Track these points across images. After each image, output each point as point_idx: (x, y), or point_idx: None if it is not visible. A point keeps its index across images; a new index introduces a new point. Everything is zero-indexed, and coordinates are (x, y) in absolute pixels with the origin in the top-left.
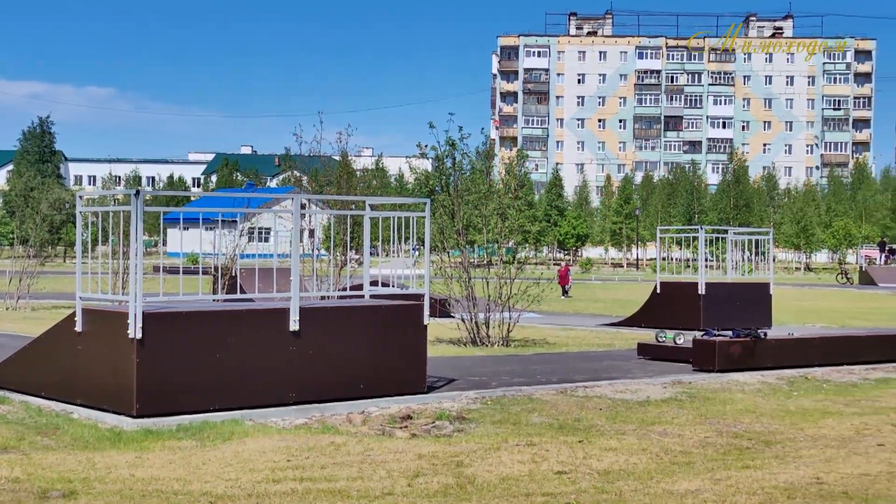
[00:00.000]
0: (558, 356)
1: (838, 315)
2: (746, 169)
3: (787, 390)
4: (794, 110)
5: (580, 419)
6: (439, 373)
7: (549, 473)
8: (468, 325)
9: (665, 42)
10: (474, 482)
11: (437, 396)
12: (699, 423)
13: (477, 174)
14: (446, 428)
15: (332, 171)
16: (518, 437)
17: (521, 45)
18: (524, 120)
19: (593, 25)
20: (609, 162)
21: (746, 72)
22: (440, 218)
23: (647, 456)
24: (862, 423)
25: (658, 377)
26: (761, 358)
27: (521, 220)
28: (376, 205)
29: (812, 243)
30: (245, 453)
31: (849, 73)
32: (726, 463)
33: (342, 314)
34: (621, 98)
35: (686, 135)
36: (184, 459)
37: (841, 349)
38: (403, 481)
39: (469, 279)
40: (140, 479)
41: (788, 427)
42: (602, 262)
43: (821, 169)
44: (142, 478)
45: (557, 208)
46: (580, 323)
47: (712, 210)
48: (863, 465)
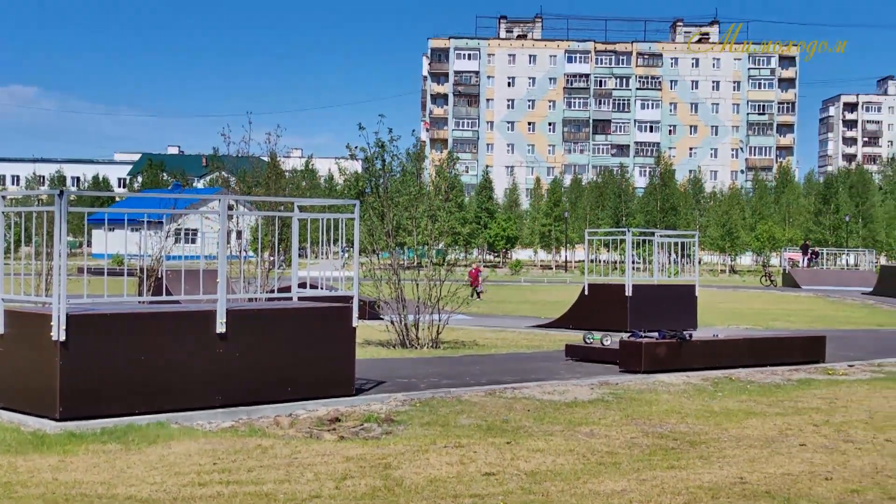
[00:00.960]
0: (487, 358)
1: (762, 317)
2: (673, 172)
3: (711, 391)
4: (720, 115)
5: (508, 420)
6: (368, 375)
7: (477, 475)
8: (397, 328)
9: (594, 46)
10: (402, 484)
11: (365, 399)
12: (625, 423)
13: (407, 176)
14: (374, 430)
15: (261, 172)
16: (446, 438)
17: (452, 47)
18: (454, 122)
19: (523, 29)
20: (538, 165)
21: (673, 76)
22: (370, 220)
23: (573, 457)
24: (784, 423)
25: (585, 378)
26: (687, 359)
27: (451, 222)
28: (305, 206)
29: (737, 246)
30: (170, 457)
31: (773, 79)
32: (652, 463)
33: (270, 316)
34: (551, 101)
35: (614, 138)
36: (108, 463)
37: (764, 350)
38: (331, 484)
39: (399, 281)
40: (63, 484)
41: (713, 427)
42: (531, 264)
43: (746, 173)
44: (65, 482)
45: (487, 210)
46: (509, 325)
47: (640, 213)
48: (785, 465)
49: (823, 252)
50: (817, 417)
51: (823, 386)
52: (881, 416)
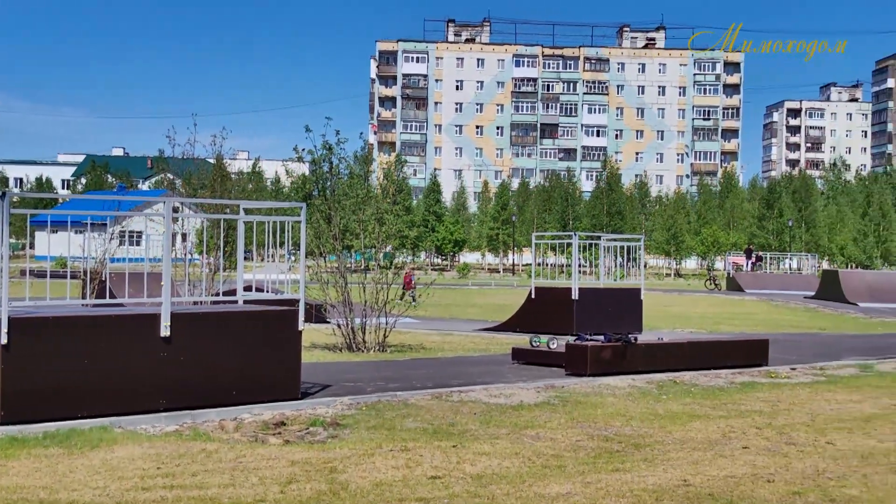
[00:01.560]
0: (434, 361)
1: (706, 320)
2: (619, 177)
3: (656, 394)
4: (666, 120)
5: (454, 424)
6: (314, 379)
7: (423, 478)
8: (344, 331)
9: (542, 51)
10: (348, 488)
11: (311, 402)
12: (571, 426)
13: (355, 179)
14: (320, 434)
15: (207, 175)
16: (392, 442)
17: (400, 50)
18: (403, 125)
19: (471, 32)
20: (486, 168)
21: (620, 81)
22: (316, 223)
23: (519, 460)
24: (728, 426)
25: (532, 381)
26: (632, 362)
27: (398, 225)
28: (251, 209)
29: (682, 250)
30: (114, 461)
31: (718, 85)
32: (597, 466)
33: (215, 320)
34: (499, 105)
35: (561, 142)
36: (50, 467)
37: (708, 354)
38: (276, 488)
39: (345, 284)
40: (4, 488)
41: (657, 430)
42: (479, 268)
43: (691, 177)
44: (6, 486)
45: (435, 214)
46: (456, 328)
47: (586, 217)
48: (728, 468)
49: (767, 256)
50: (760, 420)
51: (766, 389)
52: (822, 419)
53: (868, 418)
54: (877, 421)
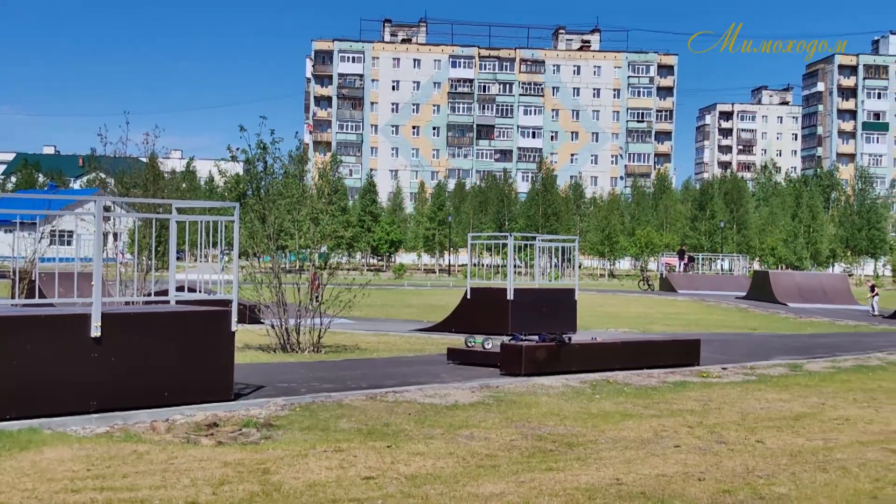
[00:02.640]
0: (369, 362)
1: (640, 320)
2: (555, 178)
3: (589, 393)
4: (601, 122)
5: (389, 424)
6: (247, 380)
7: (357, 479)
8: (278, 332)
9: (478, 52)
10: (281, 489)
11: (244, 403)
12: (505, 426)
13: (289, 179)
14: (253, 435)
15: (139, 174)
16: (326, 443)
17: (336, 49)
18: (338, 125)
19: (408, 33)
20: (423, 169)
21: (555, 83)
22: (250, 222)
23: (453, 460)
24: (660, 425)
25: (467, 381)
26: (566, 362)
27: (334, 225)
28: (183, 208)
29: (616, 251)
30: (43, 463)
31: (652, 87)
32: (530, 465)
33: (146, 320)
34: (435, 106)
35: (497, 143)
36: None
37: (641, 353)
38: (208, 489)
39: (280, 285)
40: None
41: (590, 429)
42: (415, 268)
43: (625, 179)
44: None
45: (371, 214)
46: (392, 328)
47: (522, 217)
48: (660, 466)
49: (699, 257)
50: (691, 419)
51: (698, 388)
52: (753, 418)
53: (797, 417)
54: (805, 420)
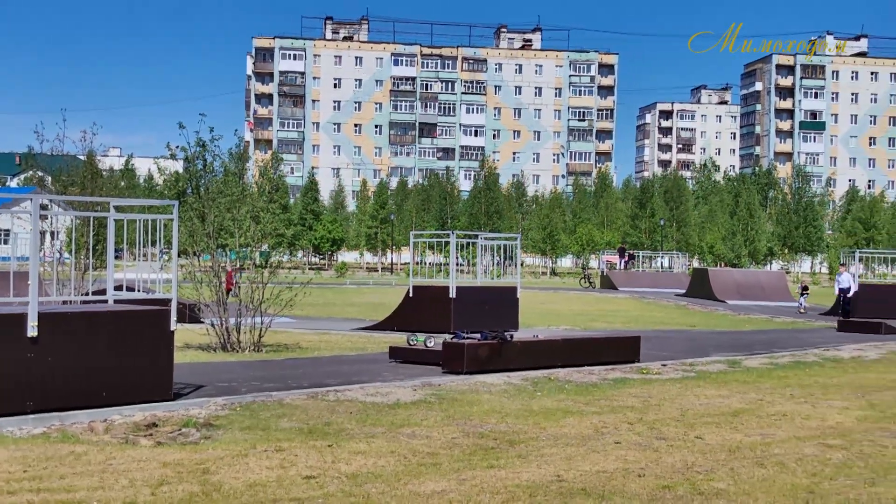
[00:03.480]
0: (310, 361)
1: (581, 318)
2: (497, 176)
3: (531, 391)
4: (542, 120)
5: (330, 423)
6: (187, 379)
7: (298, 478)
8: (218, 331)
9: (420, 50)
10: (220, 489)
11: (184, 403)
12: (447, 424)
13: (230, 177)
14: (193, 435)
15: (77, 171)
16: (267, 442)
17: (277, 47)
18: (280, 123)
19: (349, 30)
20: (365, 167)
21: (497, 82)
22: (190, 221)
23: (395, 458)
24: (600, 421)
25: (408, 380)
26: (508, 359)
27: (275, 223)
28: (122, 206)
29: (557, 249)
30: None
31: (593, 86)
32: (472, 463)
33: (84, 320)
34: (377, 104)
35: (440, 142)
36: None
37: (582, 350)
38: (147, 490)
39: (220, 283)
40: None
41: (532, 427)
42: (357, 267)
43: (566, 177)
44: None
45: (313, 212)
46: (334, 327)
47: (464, 216)
48: (601, 463)
49: (639, 255)
50: (632, 416)
51: (638, 385)
52: (692, 414)
53: (735, 413)
54: (744, 415)
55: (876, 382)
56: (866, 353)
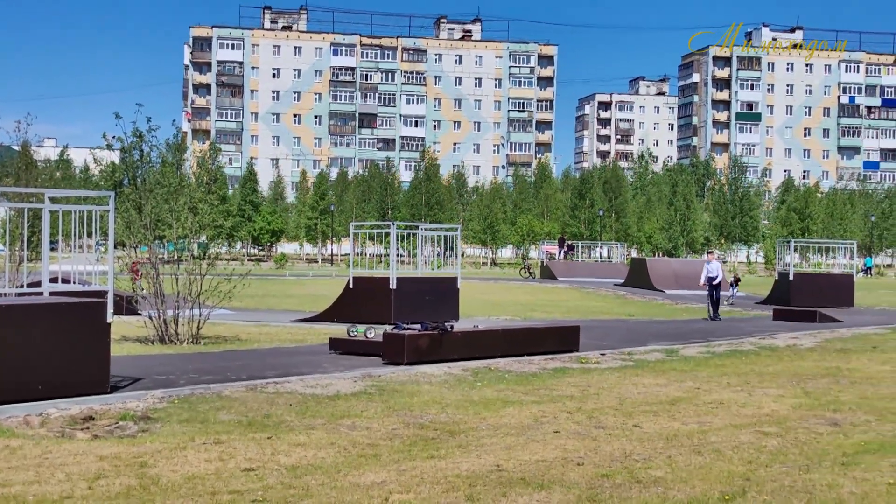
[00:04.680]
0: (249, 353)
1: (521, 308)
2: (438, 167)
3: (471, 381)
4: (483, 111)
5: (270, 415)
6: (124, 372)
7: (237, 471)
8: (156, 323)
9: (360, 40)
10: (158, 483)
11: (121, 396)
12: (387, 415)
13: (167, 167)
14: (130, 428)
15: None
16: (205, 435)
17: (215, 36)
18: (218, 113)
19: (288, 20)
20: (304, 157)
21: (438, 72)
22: (127, 212)
23: (335, 450)
24: (540, 411)
25: (349, 371)
26: (448, 350)
27: (213, 214)
28: (57, 197)
29: (498, 239)
30: None
31: (532, 77)
32: (412, 454)
33: (19, 312)
34: (317, 94)
35: (380, 132)
36: None
37: (522, 340)
38: (84, 484)
39: (157, 275)
40: None
41: (472, 417)
42: (297, 258)
43: (507, 168)
44: None
45: (252, 203)
46: (273, 319)
47: (405, 206)
48: (540, 452)
49: (579, 245)
50: (571, 405)
51: (577, 374)
52: (630, 403)
53: (673, 401)
54: (681, 404)
55: (811, 370)
56: (801, 342)
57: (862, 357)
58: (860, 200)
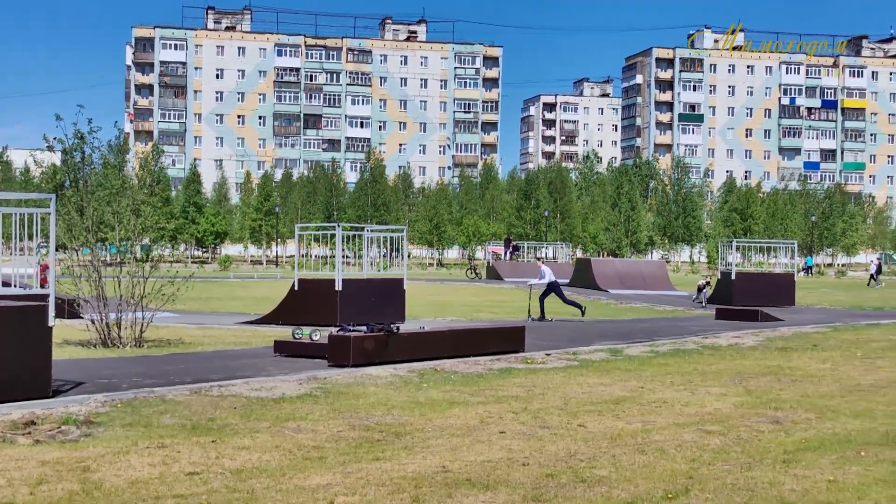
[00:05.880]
0: (193, 356)
1: (467, 308)
2: (383, 168)
3: (417, 382)
4: (428, 112)
5: (214, 419)
6: (67, 376)
7: (181, 475)
8: (98, 326)
9: (304, 40)
10: (101, 487)
11: (63, 401)
12: (333, 417)
13: (109, 169)
14: (73, 433)
15: None
16: (149, 439)
17: (158, 37)
18: (161, 114)
19: (231, 20)
20: (249, 159)
21: (383, 73)
22: (68, 215)
23: (280, 453)
24: (486, 411)
25: (294, 374)
26: (394, 351)
27: (156, 217)
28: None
29: (444, 240)
30: None
31: (478, 78)
32: (357, 456)
33: None
34: (261, 95)
35: (325, 133)
36: None
37: (468, 341)
38: (25, 489)
39: (100, 278)
40: None
41: (418, 418)
42: (242, 260)
43: (452, 169)
44: None
45: (196, 205)
46: (217, 321)
47: (351, 208)
48: (485, 453)
49: (524, 245)
50: (516, 405)
51: (523, 374)
52: (575, 402)
53: (617, 401)
54: (625, 403)
55: (752, 369)
56: (743, 341)
57: (803, 355)
58: (801, 200)
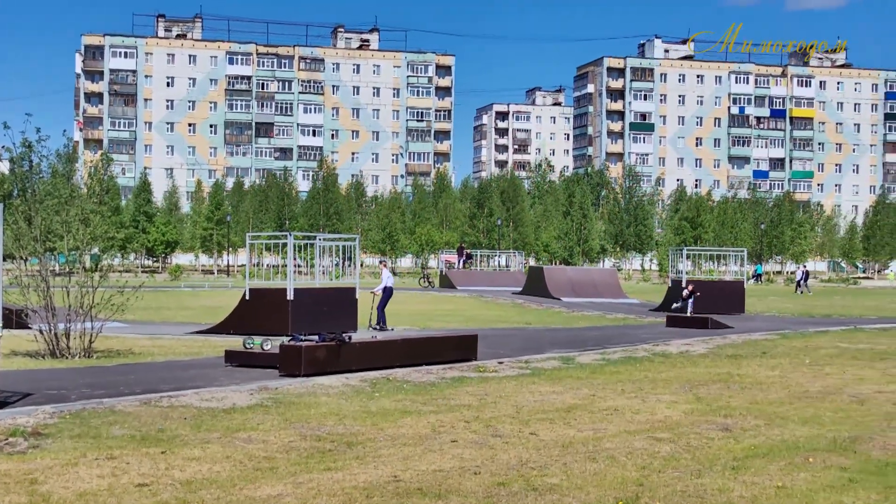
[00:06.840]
0: (143, 366)
1: (420, 317)
2: (336, 177)
3: (369, 392)
4: (381, 120)
5: (164, 430)
6: (14, 387)
7: (130, 486)
8: (47, 337)
9: (256, 49)
10: (49, 500)
11: (10, 412)
12: (284, 427)
13: (58, 178)
14: (20, 444)
15: None
16: (98, 450)
17: (107, 44)
18: (110, 122)
19: (182, 28)
20: (200, 167)
21: (335, 82)
22: (16, 224)
23: (230, 463)
24: (438, 420)
25: (245, 384)
26: (346, 361)
27: (105, 226)
28: None
29: (397, 249)
30: None
31: (430, 87)
32: (308, 466)
33: None
34: (212, 103)
35: (277, 141)
36: None
37: (421, 350)
38: None
39: (48, 288)
40: None
41: (370, 428)
42: (192, 269)
43: (406, 178)
44: None
45: (146, 214)
46: (168, 331)
47: (303, 216)
48: (437, 462)
49: (477, 254)
50: (468, 414)
51: (475, 383)
52: (527, 411)
53: (569, 409)
54: (577, 411)
55: (702, 376)
56: (693, 348)
57: (752, 363)
58: (750, 209)
